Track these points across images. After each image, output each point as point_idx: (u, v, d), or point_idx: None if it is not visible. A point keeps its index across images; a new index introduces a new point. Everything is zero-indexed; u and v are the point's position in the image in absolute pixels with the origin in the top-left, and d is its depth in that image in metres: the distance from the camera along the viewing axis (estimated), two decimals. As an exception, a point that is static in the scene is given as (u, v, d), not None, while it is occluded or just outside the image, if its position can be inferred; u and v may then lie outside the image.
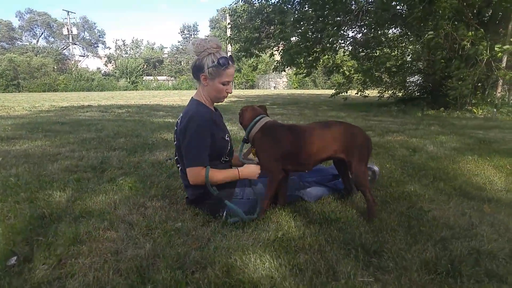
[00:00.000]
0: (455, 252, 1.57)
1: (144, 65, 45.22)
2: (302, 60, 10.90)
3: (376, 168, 2.47)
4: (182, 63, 49.86)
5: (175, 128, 2.06)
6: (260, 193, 2.04)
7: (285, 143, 2.00)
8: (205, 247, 1.63)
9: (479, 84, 8.30)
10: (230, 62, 1.92)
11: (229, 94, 2.04)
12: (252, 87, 39.64)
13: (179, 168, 2.07)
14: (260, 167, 2.03)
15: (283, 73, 36.01)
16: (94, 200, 2.24)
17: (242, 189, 2.05)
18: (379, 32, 9.70)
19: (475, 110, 8.02)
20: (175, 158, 2.10)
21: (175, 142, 2.06)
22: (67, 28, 48.77)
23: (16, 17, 59.57)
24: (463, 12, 7.44)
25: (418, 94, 11.24)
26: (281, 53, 10.80)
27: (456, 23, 7.18)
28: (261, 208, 1.97)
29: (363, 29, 10.60)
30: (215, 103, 2.12)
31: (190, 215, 2.01)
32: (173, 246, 1.64)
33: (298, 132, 2.05)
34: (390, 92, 11.67)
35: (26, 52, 40.52)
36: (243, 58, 14.66)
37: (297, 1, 10.78)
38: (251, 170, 2.02)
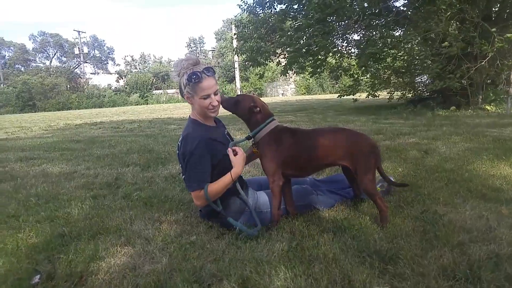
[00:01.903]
0: (474, 257, 1.55)
1: (153, 79, 45.96)
2: (308, 64, 10.99)
3: (392, 180, 2.43)
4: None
5: (177, 151, 2.07)
6: (264, 205, 2.07)
7: (287, 147, 1.99)
8: (220, 260, 1.66)
9: (489, 81, 8.19)
10: (202, 75, 1.87)
11: (217, 106, 1.97)
12: (260, 95, 39.74)
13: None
14: (241, 152, 1.96)
15: (291, 79, 36.07)
16: (111, 216, 2.29)
17: (253, 202, 2.06)
18: (385, 33, 9.69)
19: (488, 108, 7.88)
20: (183, 177, 2.10)
21: (180, 164, 2.09)
22: (78, 48, 50.12)
23: (29, 40, 61.33)
24: (465, 10, 7.40)
25: (428, 94, 11.10)
26: (286, 58, 10.93)
27: (451, 21, 7.16)
28: (272, 218, 1.98)
29: (369, 32, 10.59)
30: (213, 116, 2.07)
31: (204, 228, 2.04)
32: (189, 260, 1.67)
33: (300, 136, 2.05)
34: (399, 93, 11.57)
35: (40, 73, 41.71)
36: (250, 68, 14.78)
37: (300, 8, 10.85)
38: (238, 162, 1.92)
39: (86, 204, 2.58)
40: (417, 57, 9.19)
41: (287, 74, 12.04)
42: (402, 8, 9.52)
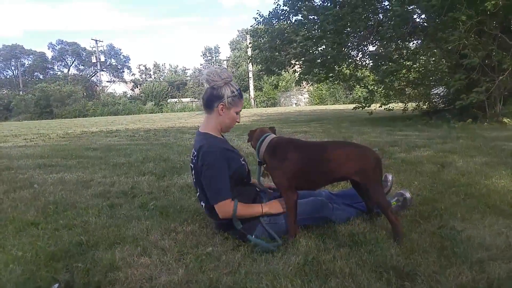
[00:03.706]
0: (493, 275, 1.52)
1: (168, 88, 46.69)
2: (322, 75, 11.04)
3: (408, 194, 2.37)
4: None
5: (191, 165, 2.11)
6: (279, 215, 2.07)
7: (294, 159, 2.00)
8: (237, 272, 1.66)
9: (507, 93, 8.04)
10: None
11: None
12: (273, 104, 39.79)
13: (203, 206, 2.09)
14: (282, 202, 2.05)
15: (304, 89, 36.09)
16: (127, 226, 2.33)
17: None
18: (400, 44, 9.65)
19: (505, 121, 7.70)
20: (197, 194, 2.14)
21: (193, 180, 2.13)
22: (95, 56, 51.40)
23: (48, 48, 63.11)
24: (484, 22, 7.32)
25: (443, 106, 10.93)
26: (301, 67, 11.03)
27: (471, 34, 7.07)
28: (289, 232, 1.98)
29: (384, 43, 10.57)
30: (222, 133, 2.19)
31: (220, 239, 2.05)
32: (205, 271, 1.68)
33: (309, 149, 2.08)
34: (414, 104, 11.44)
35: (58, 81, 42.85)
36: (264, 77, 14.93)
37: (317, 19, 10.94)
38: (275, 207, 2.04)
39: (103, 213, 2.63)
40: (432, 68, 9.11)
41: (301, 84, 12.12)
42: (418, 20, 9.49)
